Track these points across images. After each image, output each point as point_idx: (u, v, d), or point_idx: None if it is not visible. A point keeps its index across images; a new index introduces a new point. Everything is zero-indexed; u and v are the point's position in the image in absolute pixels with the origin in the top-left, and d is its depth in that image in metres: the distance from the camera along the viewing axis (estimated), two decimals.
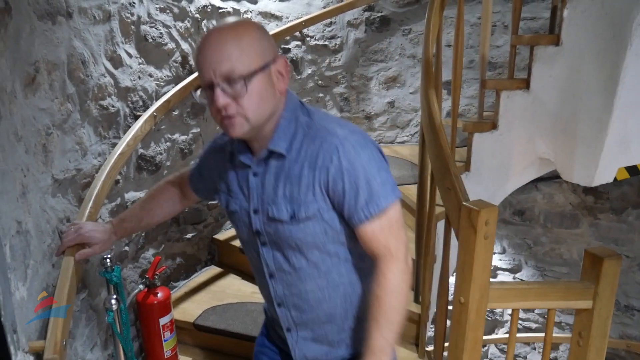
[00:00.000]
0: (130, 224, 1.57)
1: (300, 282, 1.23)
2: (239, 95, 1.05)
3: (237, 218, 1.27)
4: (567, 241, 3.65)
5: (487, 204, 1.46)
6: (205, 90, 1.10)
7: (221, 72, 1.04)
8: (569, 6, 2.06)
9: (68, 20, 1.79)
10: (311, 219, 1.14)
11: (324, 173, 1.10)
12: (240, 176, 1.24)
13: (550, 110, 2.17)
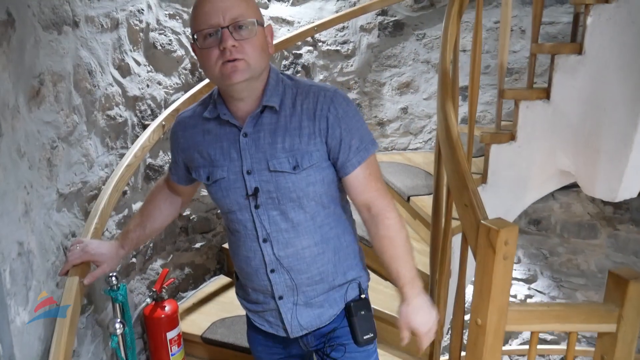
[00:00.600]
0: (135, 233, 1.52)
1: (297, 239, 1.27)
2: (245, 39, 1.11)
3: (225, 186, 1.26)
4: (585, 252, 3.55)
5: (506, 222, 1.41)
6: (204, 38, 1.12)
7: (232, 16, 1.09)
8: (593, 13, 1.98)
9: (74, 29, 1.74)
10: (313, 166, 1.21)
11: (323, 122, 1.19)
12: (224, 142, 1.25)
13: (572, 121, 2.09)
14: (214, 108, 1.26)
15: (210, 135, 1.27)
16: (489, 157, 2.21)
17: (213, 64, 1.13)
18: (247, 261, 1.33)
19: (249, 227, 1.27)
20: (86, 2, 1.81)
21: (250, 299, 1.42)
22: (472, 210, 1.56)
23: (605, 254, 3.50)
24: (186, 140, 1.32)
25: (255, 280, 1.35)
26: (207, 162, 1.27)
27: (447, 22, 1.95)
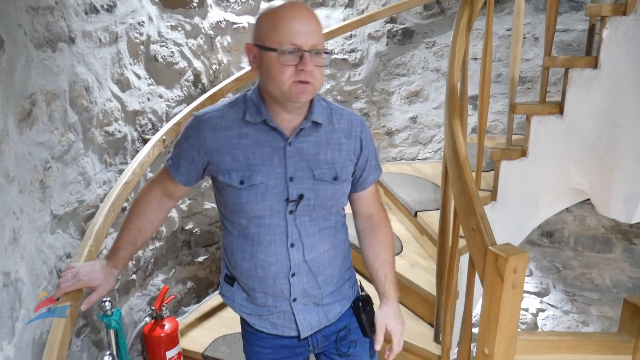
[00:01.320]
0: (126, 251, 1.45)
1: (320, 243, 1.36)
2: (319, 65, 1.20)
3: (263, 191, 1.28)
4: (599, 266, 3.45)
5: (515, 249, 1.34)
6: (282, 54, 1.17)
7: (314, 42, 1.17)
8: (609, 26, 1.89)
9: (70, 45, 1.70)
10: (346, 180, 1.36)
11: (357, 142, 1.36)
12: (265, 148, 1.28)
13: (586, 138, 2.01)
14: (257, 113, 1.28)
15: (248, 139, 1.28)
16: (499, 173, 2.13)
17: (285, 80, 1.18)
18: (266, 266, 1.34)
19: (278, 232, 1.32)
20: (83, 17, 1.77)
21: (257, 303, 1.42)
22: (480, 235, 1.50)
23: (620, 269, 3.40)
24: (217, 142, 1.29)
25: (269, 285, 1.36)
26: (243, 166, 1.28)
27: (455, 35, 1.88)
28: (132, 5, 2.05)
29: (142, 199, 1.45)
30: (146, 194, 1.45)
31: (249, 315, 1.45)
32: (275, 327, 1.42)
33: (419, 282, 2.22)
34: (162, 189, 1.44)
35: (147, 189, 1.45)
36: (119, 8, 1.97)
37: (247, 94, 1.33)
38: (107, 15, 1.90)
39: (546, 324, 3.84)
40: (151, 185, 1.45)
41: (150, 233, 1.49)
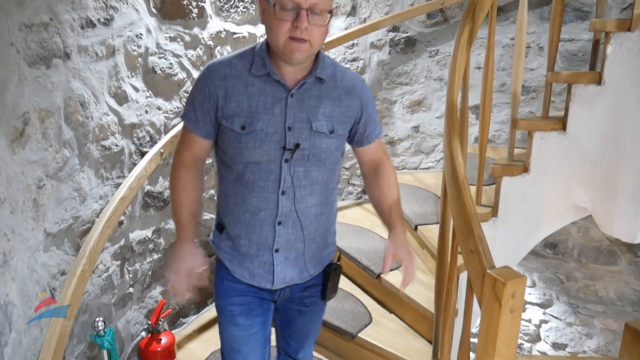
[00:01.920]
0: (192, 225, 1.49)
1: (310, 196, 1.41)
2: (317, 25, 1.22)
3: (262, 137, 1.33)
4: (604, 278, 3.40)
5: (514, 273, 1.32)
6: (280, 8, 1.21)
7: (313, 2, 1.20)
8: (614, 42, 1.86)
9: (65, 61, 1.68)
10: (341, 135, 1.41)
11: (358, 99, 1.41)
12: (268, 97, 1.33)
13: (589, 155, 1.97)
14: (262, 66, 1.33)
15: (254, 88, 1.33)
16: (500, 189, 2.10)
17: (282, 34, 1.23)
18: (256, 211, 1.40)
19: (272, 179, 1.37)
20: (79, 32, 1.75)
21: (240, 250, 1.46)
22: (478, 257, 1.47)
23: (625, 282, 3.35)
24: (224, 89, 1.34)
25: (256, 232, 1.42)
26: (245, 112, 1.33)
27: (455, 50, 1.85)
28: (129, 17, 2.02)
29: (179, 172, 1.46)
30: (180, 165, 1.46)
31: (231, 262, 1.49)
32: (253, 278, 1.48)
33: (418, 299, 2.20)
34: (190, 152, 1.45)
35: (179, 161, 1.47)
36: (117, 21, 1.95)
37: (255, 46, 1.38)
38: (104, 28, 1.88)
39: (549, 336, 3.80)
40: (180, 155, 1.47)
41: (201, 198, 1.53)
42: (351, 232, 2.78)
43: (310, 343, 1.71)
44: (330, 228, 1.56)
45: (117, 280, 2.09)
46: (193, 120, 1.39)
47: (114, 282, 2.07)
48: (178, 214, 1.46)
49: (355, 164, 3.22)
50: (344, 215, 3.05)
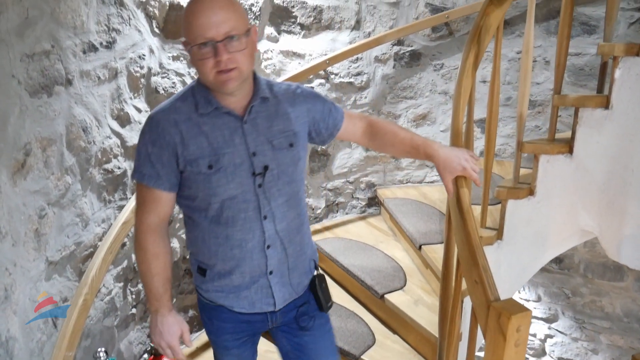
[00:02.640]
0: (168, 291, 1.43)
1: (289, 211, 1.42)
2: (237, 50, 1.23)
3: (232, 170, 1.33)
4: (610, 294, 3.37)
5: (519, 307, 1.30)
6: (201, 48, 1.22)
7: (225, 30, 1.20)
8: (622, 66, 1.83)
9: (67, 87, 1.67)
10: (301, 144, 1.43)
11: (302, 105, 1.44)
12: (224, 130, 1.33)
13: (596, 180, 1.94)
14: (207, 103, 1.33)
15: (208, 126, 1.32)
16: (506, 212, 2.08)
17: (208, 72, 1.24)
18: (243, 244, 1.39)
19: (251, 208, 1.36)
20: (81, 57, 1.74)
21: (233, 285, 1.44)
22: (483, 289, 1.45)
23: (632, 298, 3.31)
24: (179, 135, 1.31)
25: (247, 263, 1.41)
26: (208, 152, 1.32)
27: (461, 76, 1.83)
28: (132, 39, 2.02)
29: (146, 241, 1.39)
30: (146, 232, 1.39)
31: (226, 298, 1.47)
32: (253, 305, 1.47)
33: (422, 322, 2.18)
34: (156, 214, 1.39)
35: (145, 228, 1.39)
36: (119, 43, 1.94)
37: (193, 86, 1.37)
38: (106, 52, 1.88)
39: (554, 351, 3.77)
40: (144, 221, 1.39)
41: (172, 261, 1.48)
42: (355, 249, 2.77)
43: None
44: (309, 235, 1.58)
45: (120, 302, 2.09)
46: (153, 176, 1.33)
47: (117, 304, 2.06)
48: (151, 284, 1.39)
49: (359, 177, 3.20)
50: (347, 231, 3.03)
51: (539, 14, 2.98)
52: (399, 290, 2.40)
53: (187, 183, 1.35)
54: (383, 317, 2.45)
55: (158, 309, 1.41)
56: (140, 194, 1.39)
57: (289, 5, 2.70)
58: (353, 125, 1.57)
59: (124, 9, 1.96)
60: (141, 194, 1.38)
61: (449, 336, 1.84)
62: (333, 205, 3.20)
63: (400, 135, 1.52)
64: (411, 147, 1.51)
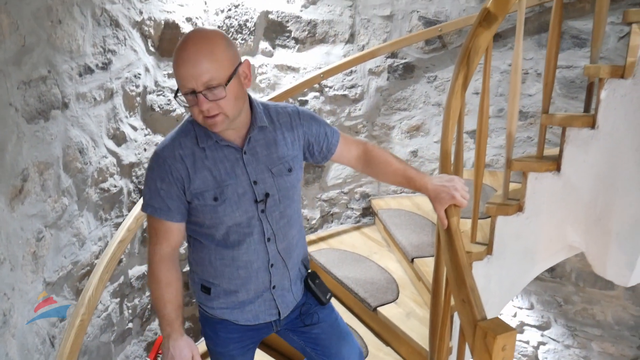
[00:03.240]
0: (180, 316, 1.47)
1: (289, 230, 1.51)
2: (219, 98, 1.26)
3: (236, 200, 1.39)
4: (601, 302, 3.41)
5: (504, 326, 1.33)
6: (187, 95, 1.28)
7: (203, 82, 1.24)
8: (607, 87, 1.87)
9: (64, 110, 1.70)
10: (298, 167, 1.50)
11: (300, 129, 1.49)
12: (226, 162, 1.39)
13: (583, 197, 1.98)
14: (207, 137, 1.38)
15: (210, 160, 1.38)
16: (495, 228, 2.11)
17: (196, 116, 1.30)
18: (249, 265, 1.47)
19: (256, 232, 1.43)
20: (77, 80, 1.77)
21: (238, 301, 1.52)
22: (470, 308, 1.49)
23: (623, 306, 3.36)
24: (185, 170, 1.37)
25: (253, 281, 1.49)
26: (212, 185, 1.37)
27: (450, 97, 1.86)
28: (128, 59, 2.05)
29: (160, 270, 1.43)
30: (160, 262, 1.43)
31: (231, 313, 1.54)
32: (257, 317, 1.55)
33: (413, 335, 2.22)
34: (168, 244, 1.43)
35: (159, 258, 1.43)
36: (115, 64, 1.97)
37: (192, 119, 1.41)
38: (102, 73, 1.91)
39: (547, 358, 3.82)
40: (158, 251, 1.43)
41: (182, 285, 1.51)
42: (349, 260, 2.80)
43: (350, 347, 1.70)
44: (304, 244, 1.65)
45: (117, 318, 2.12)
46: (164, 210, 1.39)
47: (113, 319, 2.10)
48: (164, 311, 1.43)
49: (353, 188, 3.24)
50: (342, 241, 3.07)
51: (530, 27, 3.02)
52: (391, 302, 2.43)
53: (194, 212, 1.41)
54: (376, 329, 2.49)
55: (170, 333, 1.44)
56: (152, 226, 1.44)
57: (283, 20, 2.73)
58: (348, 151, 1.62)
59: (119, 30, 1.99)
60: (153, 226, 1.43)
61: (439, 352, 1.88)
62: (328, 216, 3.24)
63: (394, 166, 1.57)
64: (403, 178, 1.56)
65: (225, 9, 2.48)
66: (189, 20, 2.32)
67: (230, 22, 2.52)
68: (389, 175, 1.59)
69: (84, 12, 1.78)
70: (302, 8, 2.77)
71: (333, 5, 2.85)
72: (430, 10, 3.02)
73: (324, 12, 2.84)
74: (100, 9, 1.87)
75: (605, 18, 1.87)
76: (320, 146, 1.56)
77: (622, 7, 2.79)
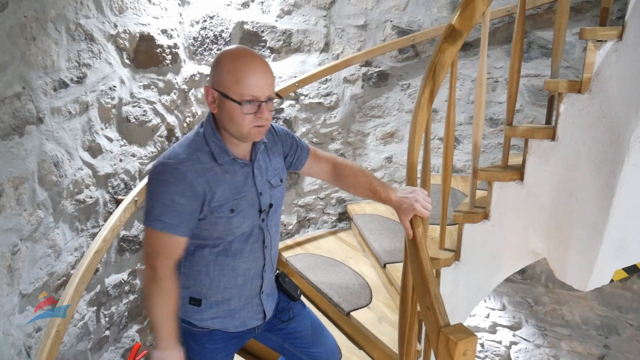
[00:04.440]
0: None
1: (276, 236, 1.64)
2: (270, 110, 1.42)
3: (247, 211, 1.49)
4: (570, 303, 3.53)
5: (466, 332, 1.40)
6: (247, 103, 1.36)
7: (268, 93, 1.39)
8: (566, 101, 1.96)
9: (39, 125, 1.73)
10: (285, 178, 1.66)
11: (279, 142, 1.65)
12: (240, 176, 1.49)
13: (545, 206, 2.07)
14: (224, 153, 1.46)
15: (227, 174, 1.47)
16: (462, 235, 2.19)
17: (246, 124, 1.38)
18: (247, 273, 1.57)
19: (257, 240, 1.55)
20: (51, 95, 1.80)
21: (230, 309, 1.59)
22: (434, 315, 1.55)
23: (589, 307, 3.48)
24: (207, 184, 1.42)
25: (248, 288, 1.59)
26: (230, 197, 1.46)
27: (416, 110, 1.94)
28: (103, 72, 2.08)
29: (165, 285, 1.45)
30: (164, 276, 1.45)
31: (222, 322, 1.61)
32: (245, 323, 1.64)
33: (385, 339, 2.29)
34: (173, 259, 1.47)
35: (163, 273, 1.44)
36: (90, 77, 2.00)
37: (204, 134, 1.46)
38: (77, 87, 1.93)
39: (519, 357, 3.94)
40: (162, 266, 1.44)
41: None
42: (324, 265, 2.87)
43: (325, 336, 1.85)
44: None
45: (93, 326, 2.15)
46: (175, 225, 1.39)
47: (90, 328, 2.13)
48: (167, 322, 1.46)
49: (329, 193, 3.30)
50: (318, 246, 3.13)
51: (500, 37, 3.11)
52: (364, 307, 2.50)
53: (204, 226, 1.45)
54: (350, 333, 2.56)
55: (169, 344, 1.48)
56: (158, 241, 1.43)
57: (258, 30, 2.78)
58: (317, 165, 1.76)
59: (94, 44, 2.02)
60: (160, 242, 1.43)
61: (407, 356, 1.95)
62: (305, 221, 3.30)
63: (360, 179, 1.69)
64: (369, 191, 1.67)
65: (200, 20, 2.52)
66: (164, 32, 2.35)
67: (205, 32, 2.56)
68: (356, 188, 1.70)
69: (58, 27, 1.81)
70: (277, 18, 2.82)
71: (308, 15, 2.91)
72: (403, 20, 3.09)
73: (299, 22, 2.90)
74: (75, 24, 1.90)
75: (564, 35, 1.96)
76: (292, 159, 1.70)
77: (587, 19, 2.90)
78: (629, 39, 1.74)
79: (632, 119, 1.69)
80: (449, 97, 2.05)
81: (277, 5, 2.79)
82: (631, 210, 1.83)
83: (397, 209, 1.62)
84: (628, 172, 1.75)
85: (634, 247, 1.95)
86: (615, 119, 1.78)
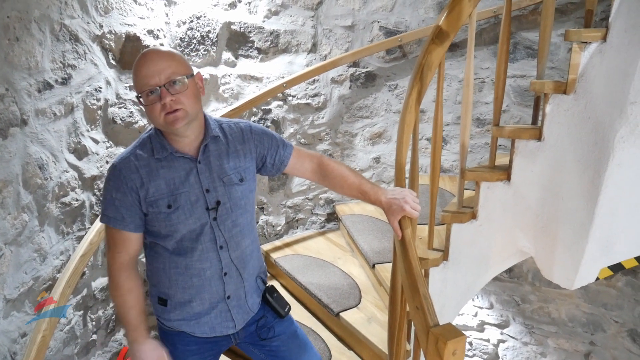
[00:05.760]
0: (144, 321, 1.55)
1: (242, 240, 1.57)
2: (180, 92, 1.37)
3: (189, 207, 1.46)
4: (556, 301, 3.57)
5: (455, 332, 1.41)
6: (146, 96, 1.37)
7: (166, 75, 1.35)
8: (552, 102, 1.97)
9: (23, 127, 1.71)
10: (251, 178, 1.59)
11: (251, 142, 1.59)
12: (180, 171, 1.47)
13: (531, 205, 2.09)
14: (162, 148, 1.46)
15: (165, 169, 1.46)
16: (450, 235, 2.21)
17: (157, 116, 1.38)
18: (202, 273, 1.53)
19: (208, 239, 1.50)
20: (36, 96, 1.77)
21: (194, 312, 1.57)
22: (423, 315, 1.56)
23: (575, 305, 3.52)
24: (140, 179, 1.45)
25: (207, 290, 1.55)
26: (166, 193, 1.45)
27: (404, 111, 1.94)
28: (88, 73, 2.06)
29: (120, 278, 1.51)
30: (119, 270, 1.51)
31: (188, 324, 1.59)
32: (214, 330, 1.60)
33: (374, 340, 2.29)
34: (126, 252, 1.52)
35: (118, 267, 1.51)
36: (75, 78, 1.98)
37: (150, 132, 1.51)
38: (62, 88, 1.91)
39: (507, 354, 3.97)
40: (116, 260, 1.51)
41: (143, 291, 1.58)
42: (313, 266, 2.86)
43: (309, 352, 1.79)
44: (259, 258, 1.71)
45: (80, 330, 2.13)
46: (119, 219, 1.46)
47: (77, 332, 2.11)
48: (128, 317, 1.51)
49: (318, 194, 3.30)
50: (307, 247, 3.13)
51: (486, 37, 3.13)
52: (353, 308, 2.51)
53: (150, 222, 1.49)
54: (339, 333, 2.56)
55: (136, 338, 1.53)
56: (109, 235, 1.52)
57: (246, 30, 2.77)
58: (301, 164, 1.71)
59: (79, 44, 2.00)
60: (110, 236, 1.51)
61: (396, 356, 1.96)
62: (293, 222, 3.29)
63: (349, 180, 1.65)
64: (358, 192, 1.64)
65: (187, 20, 2.51)
66: (150, 32, 2.33)
67: (192, 33, 2.54)
68: (345, 188, 1.68)
69: (42, 28, 1.78)
70: (265, 19, 2.81)
71: (295, 15, 2.90)
72: (390, 21, 3.10)
73: (287, 22, 2.89)
74: (59, 24, 1.88)
75: (549, 37, 1.98)
76: (273, 158, 1.65)
77: (572, 20, 2.93)
78: (613, 40, 1.76)
79: (616, 119, 1.71)
80: (437, 97, 2.05)
81: (264, 6, 2.78)
82: (616, 209, 1.86)
83: (386, 210, 1.62)
84: (613, 172, 1.78)
85: (619, 246, 1.97)
86: (600, 119, 1.80)
